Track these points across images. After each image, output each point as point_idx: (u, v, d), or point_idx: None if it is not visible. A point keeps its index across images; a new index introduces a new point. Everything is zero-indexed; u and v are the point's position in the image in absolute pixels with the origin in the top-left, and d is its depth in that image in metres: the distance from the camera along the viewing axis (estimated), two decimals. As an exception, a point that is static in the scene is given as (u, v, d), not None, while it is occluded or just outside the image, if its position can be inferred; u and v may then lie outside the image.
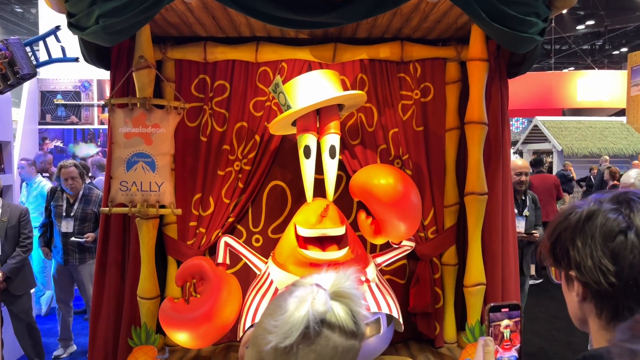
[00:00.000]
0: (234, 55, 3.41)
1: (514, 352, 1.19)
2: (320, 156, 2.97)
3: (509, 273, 3.38)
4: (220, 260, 3.07)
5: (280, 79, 2.93)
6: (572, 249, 0.96)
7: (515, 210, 4.09)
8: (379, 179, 2.73)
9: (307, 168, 2.95)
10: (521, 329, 1.19)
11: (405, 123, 3.48)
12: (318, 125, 2.97)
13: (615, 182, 8.22)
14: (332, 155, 2.93)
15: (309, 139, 2.93)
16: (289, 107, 2.88)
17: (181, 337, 2.85)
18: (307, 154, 2.93)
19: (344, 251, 2.78)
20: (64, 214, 4.61)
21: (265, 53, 3.39)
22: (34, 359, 4.17)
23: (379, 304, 2.75)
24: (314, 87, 2.90)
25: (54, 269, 4.89)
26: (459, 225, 3.47)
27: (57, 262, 4.78)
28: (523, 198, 4.46)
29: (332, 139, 2.93)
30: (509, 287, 3.37)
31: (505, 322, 1.18)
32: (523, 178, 4.41)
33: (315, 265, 2.72)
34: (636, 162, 10.36)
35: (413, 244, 3.24)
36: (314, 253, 2.77)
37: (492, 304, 1.19)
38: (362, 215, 2.91)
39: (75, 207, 4.62)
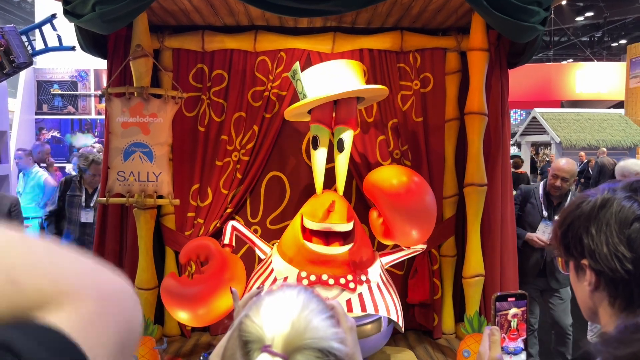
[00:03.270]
0: (232, 45, 3.38)
1: (520, 343, 1.18)
2: (332, 148, 2.93)
3: (507, 264, 3.38)
4: (226, 241, 2.98)
5: (298, 65, 2.84)
6: (586, 236, 0.95)
7: (545, 213, 3.80)
8: (392, 179, 2.65)
9: (315, 159, 2.90)
10: (527, 320, 1.19)
11: (404, 113, 3.45)
12: (334, 117, 2.91)
13: None
14: (340, 149, 2.88)
15: (318, 130, 2.87)
16: (305, 96, 2.81)
17: (183, 314, 2.77)
18: (315, 145, 2.89)
19: (347, 247, 2.74)
20: (83, 205, 4.61)
21: (263, 42, 3.36)
22: None
23: (376, 306, 2.70)
24: (333, 78, 2.82)
25: None
26: (458, 216, 3.47)
27: None
28: (560, 202, 3.81)
29: (343, 132, 2.87)
30: (507, 279, 3.37)
31: (514, 310, 1.17)
32: (558, 183, 3.69)
33: (316, 261, 2.70)
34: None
35: (424, 246, 3.11)
36: (317, 247, 2.73)
37: (498, 293, 1.18)
38: (374, 214, 2.85)
39: (95, 197, 4.63)
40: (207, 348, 3.30)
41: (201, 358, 1.10)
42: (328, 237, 2.80)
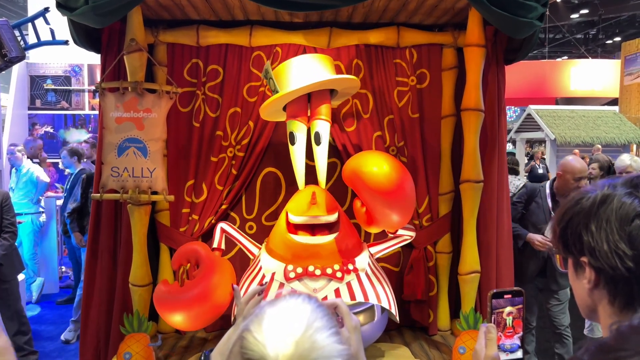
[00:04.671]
0: (227, 40, 3.35)
1: (516, 340, 1.17)
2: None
3: (503, 261, 3.37)
4: (215, 245, 3.04)
5: (269, 64, 2.87)
6: (585, 233, 0.93)
7: (553, 215, 3.72)
8: (369, 166, 2.65)
9: (295, 154, 2.92)
10: (523, 317, 1.17)
11: (400, 110, 3.44)
12: (309, 112, 2.92)
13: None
14: (318, 142, 2.88)
15: (295, 125, 2.89)
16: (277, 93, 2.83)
17: (175, 319, 2.83)
18: (292, 141, 2.90)
19: (332, 237, 2.76)
20: None
21: (259, 37, 3.33)
22: (23, 346, 4.12)
23: (366, 294, 2.71)
24: (303, 71, 2.84)
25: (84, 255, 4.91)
26: (454, 213, 3.46)
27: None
28: None
29: (318, 125, 2.88)
30: (503, 275, 3.36)
31: (508, 309, 1.16)
32: (583, 184, 3.58)
33: (302, 252, 2.70)
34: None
35: (413, 234, 3.12)
36: (301, 238, 2.76)
37: (494, 290, 1.16)
38: (358, 203, 2.86)
39: None
40: (202, 344, 3.29)
41: (202, 357, 1.09)
42: (314, 229, 2.82)
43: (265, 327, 0.83)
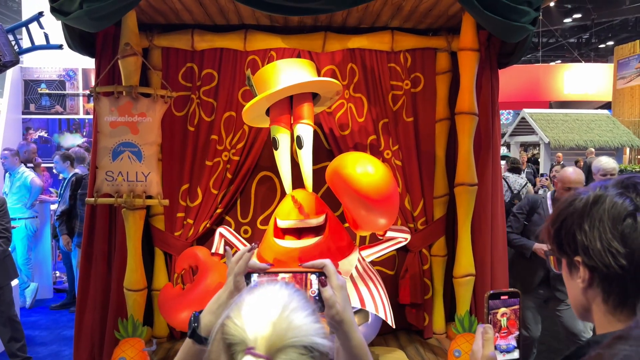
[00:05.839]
0: (222, 44, 3.35)
1: (511, 341, 1.17)
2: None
3: (498, 264, 3.38)
4: (213, 250, 3.07)
5: (250, 72, 2.88)
6: (579, 233, 0.95)
7: None
8: (351, 167, 2.58)
9: (279, 159, 2.92)
10: (519, 317, 1.18)
11: (395, 113, 3.45)
12: (292, 117, 2.92)
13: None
14: (300, 146, 2.88)
15: (277, 130, 2.89)
16: None
17: (180, 318, 2.87)
18: (275, 145, 2.91)
19: (314, 240, 2.72)
20: None
21: (253, 41, 3.34)
22: (17, 353, 4.09)
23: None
24: (284, 75, 2.84)
25: (77, 258, 4.89)
26: (448, 216, 3.47)
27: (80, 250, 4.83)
28: None
29: (300, 129, 2.86)
30: (498, 278, 3.38)
31: (502, 310, 1.16)
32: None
33: (285, 256, 2.70)
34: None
35: (407, 236, 3.06)
36: (284, 242, 2.75)
37: (491, 291, 1.17)
38: None
39: None
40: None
41: (192, 318, 1.12)
42: (301, 233, 2.81)
43: (244, 313, 0.86)
